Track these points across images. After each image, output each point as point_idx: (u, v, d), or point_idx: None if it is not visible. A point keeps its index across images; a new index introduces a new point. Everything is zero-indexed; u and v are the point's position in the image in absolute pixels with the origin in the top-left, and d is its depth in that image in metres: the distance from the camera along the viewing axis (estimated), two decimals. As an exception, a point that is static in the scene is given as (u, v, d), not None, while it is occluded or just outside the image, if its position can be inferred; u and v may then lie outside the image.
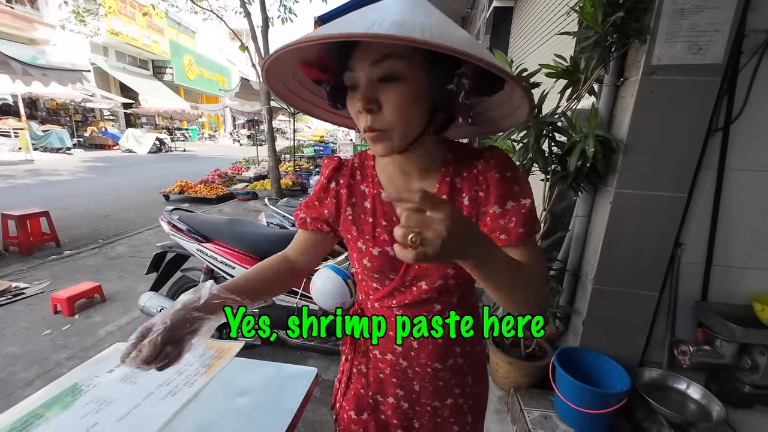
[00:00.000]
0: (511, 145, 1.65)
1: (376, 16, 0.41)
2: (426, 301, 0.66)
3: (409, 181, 0.63)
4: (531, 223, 0.57)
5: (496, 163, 0.58)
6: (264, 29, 5.78)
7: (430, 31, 0.39)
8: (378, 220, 0.65)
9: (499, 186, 0.57)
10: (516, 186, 0.57)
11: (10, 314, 2.62)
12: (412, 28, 0.39)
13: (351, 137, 12.11)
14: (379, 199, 0.65)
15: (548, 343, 1.81)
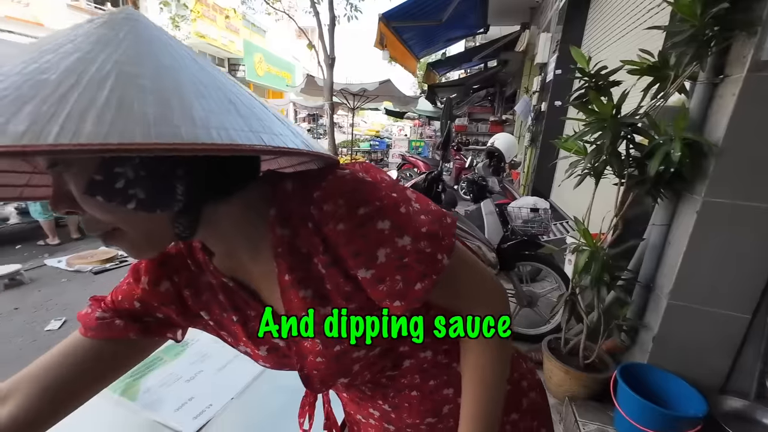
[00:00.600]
0: (582, 147, 1.57)
1: None
2: (376, 379, 0.50)
3: (238, 263, 0.45)
4: (428, 266, 0.39)
5: (331, 209, 0.37)
6: (331, 27, 6.04)
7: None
8: (244, 313, 0.47)
9: (351, 240, 0.38)
10: (381, 220, 0.38)
11: (117, 277, 3.13)
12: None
13: (406, 132, 12.16)
14: (231, 288, 0.46)
15: (610, 356, 1.72)
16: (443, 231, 0.41)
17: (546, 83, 4.97)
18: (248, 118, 0.30)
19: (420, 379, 0.50)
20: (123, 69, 0.27)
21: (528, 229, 2.22)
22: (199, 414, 0.77)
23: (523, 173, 5.81)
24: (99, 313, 0.46)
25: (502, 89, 10.50)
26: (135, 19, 0.31)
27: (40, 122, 0.23)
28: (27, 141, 0.22)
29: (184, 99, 0.27)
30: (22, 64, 0.26)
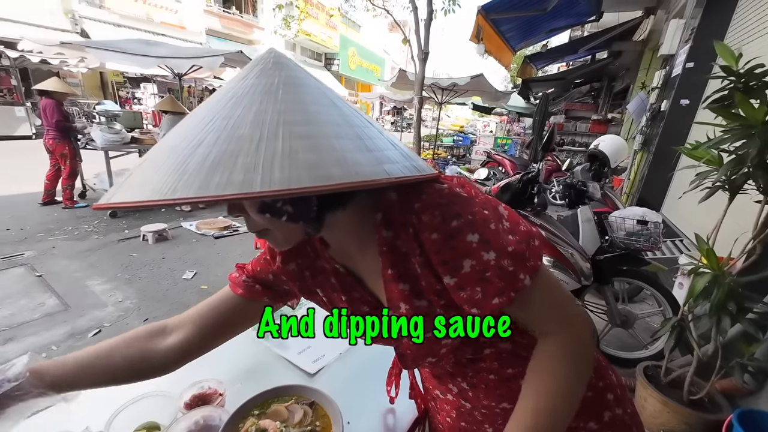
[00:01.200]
0: (717, 156, 1.38)
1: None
2: (459, 361, 0.56)
3: (350, 256, 0.54)
4: (507, 283, 0.43)
5: (428, 219, 0.42)
6: (428, 22, 6.07)
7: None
8: (351, 294, 0.56)
9: (442, 249, 0.43)
10: (471, 233, 0.42)
11: (231, 243, 3.73)
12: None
13: (491, 129, 11.64)
14: (342, 273, 0.55)
15: (724, 397, 1.50)
16: (530, 252, 0.44)
17: (671, 78, 4.29)
18: (374, 152, 0.38)
19: (498, 365, 0.54)
20: (285, 119, 0.34)
21: (632, 242, 2.01)
22: (315, 360, 0.94)
23: (627, 180, 5.14)
24: (245, 278, 0.61)
25: (611, 84, 9.30)
26: (281, 63, 0.40)
27: (249, 172, 0.31)
28: (245, 189, 0.30)
29: (328, 142, 0.34)
30: (224, 120, 0.34)
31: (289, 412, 0.67)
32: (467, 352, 0.54)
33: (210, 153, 0.32)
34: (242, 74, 0.40)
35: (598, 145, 2.80)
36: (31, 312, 2.33)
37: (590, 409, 0.55)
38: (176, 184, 0.31)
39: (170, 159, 0.33)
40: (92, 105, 11.60)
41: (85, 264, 3.05)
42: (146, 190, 0.31)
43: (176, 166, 0.32)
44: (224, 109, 0.36)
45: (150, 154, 0.36)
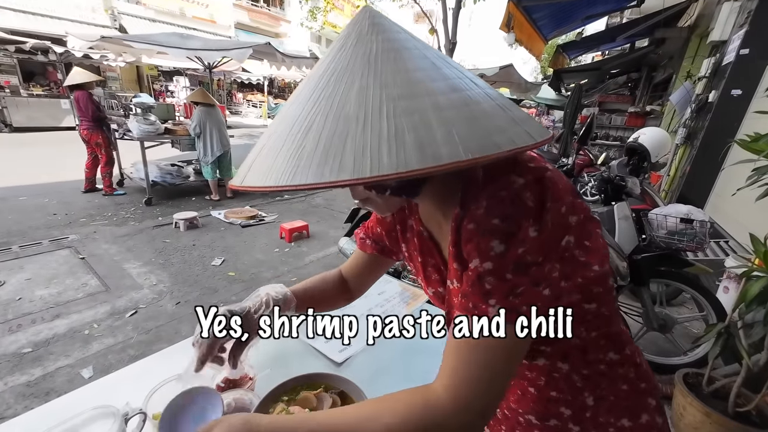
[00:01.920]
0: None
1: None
2: None
3: (436, 222, 0.55)
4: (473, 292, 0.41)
5: (476, 209, 0.41)
6: (456, 11, 5.92)
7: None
8: (426, 258, 0.58)
9: (470, 240, 0.41)
10: (499, 242, 0.39)
11: (257, 232, 3.83)
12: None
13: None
14: (424, 237, 0.57)
15: (776, 412, 1.38)
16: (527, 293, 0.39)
17: (721, 67, 3.97)
18: (479, 120, 0.34)
19: (544, 383, 0.51)
20: (388, 93, 0.33)
21: (674, 242, 1.88)
22: (342, 349, 0.94)
23: (667, 176, 4.84)
24: (362, 235, 0.72)
25: (651, 74, 8.74)
26: (377, 24, 0.38)
27: (358, 157, 0.31)
28: (356, 175, 0.30)
29: (434, 116, 0.32)
30: (329, 99, 0.34)
31: (318, 399, 0.67)
32: None
33: (321, 137, 0.33)
34: (340, 42, 0.38)
35: (638, 138, 2.63)
36: (75, 291, 2.49)
37: (627, 408, 0.51)
38: (295, 170, 0.32)
39: (286, 144, 0.34)
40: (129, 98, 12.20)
41: (123, 248, 3.23)
42: (272, 176, 0.33)
43: (293, 151, 0.33)
44: (327, 86, 0.35)
45: (268, 139, 0.37)
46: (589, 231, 0.44)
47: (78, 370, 1.81)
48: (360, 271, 0.75)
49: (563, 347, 0.48)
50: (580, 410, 0.51)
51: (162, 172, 4.82)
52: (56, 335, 2.05)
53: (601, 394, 0.50)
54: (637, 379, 0.52)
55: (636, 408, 0.52)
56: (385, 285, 1.29)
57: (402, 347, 0.98)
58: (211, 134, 4.45)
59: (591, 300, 0.46)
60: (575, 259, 0.42)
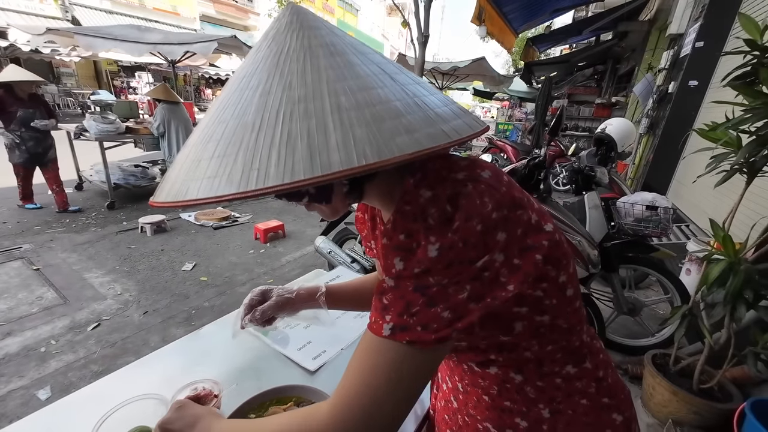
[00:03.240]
0: (735, 138, 1.31)
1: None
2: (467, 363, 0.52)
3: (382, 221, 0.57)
4: (375, 309, 0.40)
5: (391, 218, 0.39)
6: (427, 4, 5.88)
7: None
8: None
9: (385, 255, 0.39)
10: (399, 259, 0.38)
11: (230, 234, 3.69)
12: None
13: (492, 114, 11.46)
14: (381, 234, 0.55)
15: (736, 386, 1.47)
16: (422, 314, 0.36)
17: (679, 59, 4.16)
18: (385, 120, 0.32)
19: (497, 392, 0.50)
20: (290, 95, 0.31)
21: (640, 228, 1.95)
22: (316, 356, 0.90)
23: (632, 165, 5.06)
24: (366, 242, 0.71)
25: (615, 67, 9.08)
26: (298, 20, 0.35)
27: (246, 169, 0.29)
28: (242, 188, 0.28)
29: (333, 120, 0.30)
30: (234, 105, 0.33)
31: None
32: (471, 359, 0.50)
33: (216, 148, 0.31)
34: (258, 43, 0.37)
35: (605, 128, 2.72)
36: (29, 306, 2.30)
37: (588, 424, 0.49)
38: (188, 185, 0.31)
39: (190, 154, 0.34)
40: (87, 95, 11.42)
41: (84, 256, 3.02)
42: (172, 191, 0.32)
43: (191, 163, 0.32)
44: (235, 92, 0.34)
45: (183, 153, 0.36)
46: (525, 246, 0.39)
47: (33, 391, 1.67)
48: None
49: (516, 358, 0.46)
50: (536, 423, 0.48)
51: (125, 174, 4.55)
52: (7, 355, 1.88)
53: (557, 407, 0.48)
54: (598, 393, 0.49)
55: (598, 424, 0.49)
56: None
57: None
58: (177, 133, 4.23)
59: (543, 312, 0.43)
60: (496, 280, 0.38)
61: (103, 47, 4.22)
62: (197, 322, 2.22)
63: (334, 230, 2.61)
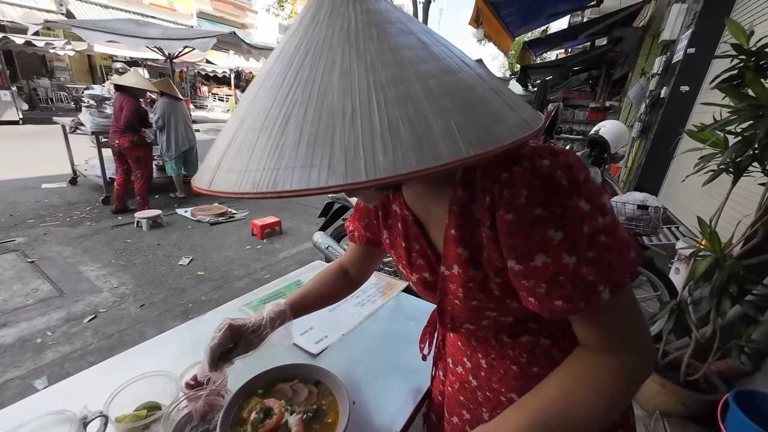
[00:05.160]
0: (722, 138, 1.36)
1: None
2: (497, 337, 0.54)
3: (423, 205, 0.52)
4: (580, 291, 0.38)
5: (509, 196, 0.38)
6: (426, 5, 5.93)
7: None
8: (411, 244, 0.55)
9: (515, 233, 0.38)
10: (554, 230, 0.37)
11: (227, 230, 3.69)
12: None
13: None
14: (409, 221, 0.54)
15: (720, 379, 1.52)
16: (618, 262, 0.38)
17: (671, 65, 4.25)
18: (478, 110, 0.30)
19: (526, 360, 0.52)
20: (375, 79, 0.29)
21: (631, 227, 2.01)
22: (318, 341, 0.92)
23: (625, 168, 5.15)
24: (351, 228, 0.71)
25: (610, 72, 9.21)
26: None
27: (350, 158, 0.26)
28: (350, 180, 0.26)
29: (430, 106, 0.28)
30: (306, 85, 0.29)
31: (293, 391, 0.65)
32: (504, 331, 0.52)
33: (302, 133, 0.28)
34: (311, 12, 0.33)
35: (599, 130, 2.78)
36: (24, 298, 2.29)
37: None
38: (275, 175, 0.27)
39: (260, 142, 0.29)
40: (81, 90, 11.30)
41: (79, 250, 3.00)
42: (247, 180, 0.28)
43: (271, 149, 0.28)
44: (302, 69, 0.30)
45: (234, 134, 0.32)
46: None
47: (30, 381, 1.67)
48: (358, 261, 0.75)
49: (549, 323, 0.49)
50: None
51: (120, 169, 4.52)
52: (3, 345, 1.88)
53: None
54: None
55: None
56: (360, 276, 1.29)
57: (377, 335, 0.98)
58: (176, 127, 4.21)
59: None
60: None
61: (101, 41, 4.20)
62: (194, 316, 2.22)
63: (332, 226, 2.63)
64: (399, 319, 1.06)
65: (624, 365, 0.41)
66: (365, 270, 0.78)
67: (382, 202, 0.60)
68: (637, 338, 0.42)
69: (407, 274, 0.58)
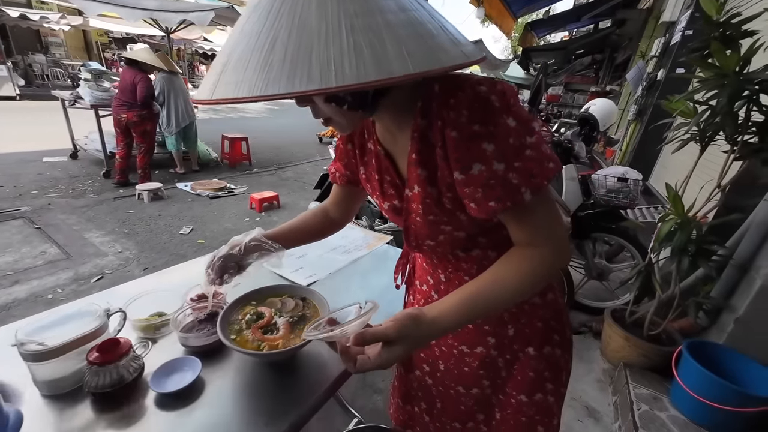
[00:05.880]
0: (692, 108, 1.44)
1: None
2: (453, 252, 0.63)
3: (392, 137, 0.60)
4: (507, 192, 0.47)
5: (454, 116, 0.46)
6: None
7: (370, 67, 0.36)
8: (383, 176, 0.63)
9: (458, 147, 0.47)
10: (487, 143, 0.46)
11: (226, 203, 3.79)
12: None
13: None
14: (381, 155, 0.62)
15: (680, 334, 1.65)
16: (538, 170, 0.47)
17: (669, 47, 4.25)
18: (425, 39, 0.39)
19: (476, 270, 0.61)
20: (345, 9, 0.37)
21: (611, 199, 2.10)
22: (308, 276, 1.04)
23: (619, 151, 5.20)
24: (332, 170, 0.76)
25: (613, 55, 9.12)
26: None
27: (324, 69, 0.35)
28: (324, 85, 0.34)
29: (387, 34, 0.37)
30: (288, 14, 0.37)
31: (281, 303, 0.76)
32: (458, 246, 0.61)
33: (287, 50, 0.36)
34: None
35: (589, 108, 2.84)
36: (33, 259, 2.41)
37: (535, 340, 0.64)
38: (266, 82, 0.36)
39: (253, 58, 0.37)
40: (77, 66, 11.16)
41: (83, 218, 3.11)
42: (243, 88, 0.36)
43: (261, 64, 0.36)
44: (284, 2, 0.38)
45: (230, 54, 0.39)
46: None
47: (44, 330, 1.80)
48: (340, 201, 0.81)
49: (495, 238, 0.58)
50: (507, 332, 0.64)
51: (120, 143, 4.57)
52: (16, 300, 2.00)
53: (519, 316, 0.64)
54: (551, 318, 0.64)
55: (543, 340, 0.64)
56: (348, 231, 1.39)
57: (359, 274, 1.09)
58: (176, 103, 4.25)
59: None
60: None
61: (97, 10, 4.17)
62: (195, 278, 2.35)
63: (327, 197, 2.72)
64: (379, 264, 1.17)
65: (543, 255, 0.51)
66: (346, 211, 0.82)
67: (359, 141, 0.67)
68: (553, 234, 0.52)
69: (380, 203, 0.67)
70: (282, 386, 0.68)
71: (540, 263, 0.51)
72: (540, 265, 0.51)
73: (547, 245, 0.51)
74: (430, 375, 0.74)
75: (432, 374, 0.73)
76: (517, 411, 0.66)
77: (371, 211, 2.56)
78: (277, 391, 0.67)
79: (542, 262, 0.51)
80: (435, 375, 0.73)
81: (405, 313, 0.48)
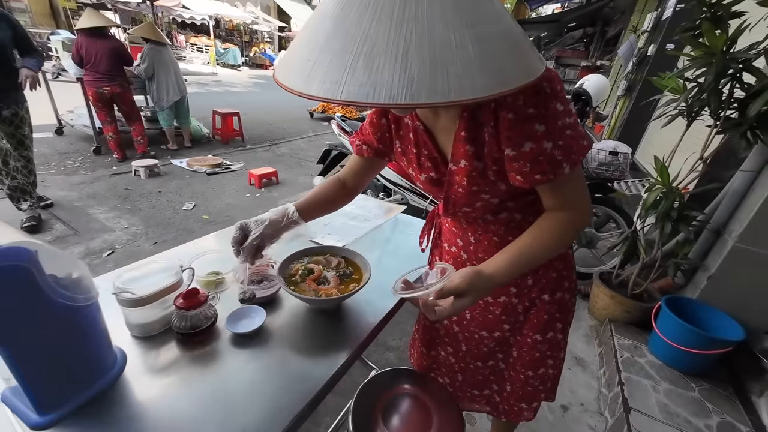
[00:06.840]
0: (682, 85, 1.55)
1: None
2: (484, 217, 0.71)
3: (434, 115, 0.64)
4: (552, 167, 0.55)
5: (511, 100, 0.53)
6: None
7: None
8: (420, 150, 0.68)
9: (512, 127, 0.54)
10: (539, 124, 0.53)
11: (224, 180, 3.80)
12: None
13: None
14: (420, 130, 0.67)
15: (660, 292, 1.84)
16: (577, 148, 0.55)
17: (661, 21, 4.30)
18: (521, 46, 0.42)
19: (504, 231, 0.70)
20: (463, 19, 0.37)
21: (602, 171, 2.24)
22: (337, 242, 1.14)
23: (608, 127, 5.34)
24: (358, 142, 0.80)
25: (604, 29, 9.09)
26: None
27: (461, 79, 0.36)
28: (464, 96, 0.37)
29: (503, 45, 0.40)
30: (416, 20, 0.36)
31: (326, 261, 0.87)
32: (490, 211, 0.69)
33: (424, 59, 0.36)
34: None
35: (583, 83, 2.92)
36: (41, 235, 2.43)
37: (549, 287, 0.76)
38: (408, 90, 0.36)
39: (387, 63, 0.36)
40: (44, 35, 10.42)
41: (83, 195, 3.10)
42: (381, 92, 0.36)
43: (400, 69, 0.36)
44: (408, 5, 0.36)
45: (358, 50, 0.37)
46: None
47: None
48: (359, 172, 0.84)
49: (522, 203, 0.67)
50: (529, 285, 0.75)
51: (109, 119, 4.44)
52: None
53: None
54: (566, 270, 0.76)
55: (555, 288, 0.76)
56: (365, 202, 1.49)
57: (382, 240, 1.20)
58: (166, 76, 4.12)
59: None
60: None
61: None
62: (205, 252, 2.42)
63: (332, 171, 2.79)
64: (397, 230, 1.28)
65: (571, 218, 0.62)
66: (362, 181, 0.86)
67: (394, 116, 0.72)
68: (581, 201, 0.62)
69: (416, 175, 0.72)
70: (332, 329, 0.79)
71: (570, 226, 0.62)
72: (570, 228, 0.62)
73: (575, 209, 0.61)
74: (457, 323, 0.85)
75: (459, 322, 0.85)
76: (532, 348, 0.79)
77: (374, 185, 2.65)
78: (328, 333, 0.78)
79: (572, 225, 0.62)
80: (461, 323, 0.84)
81: (470, 270, 0.57)
